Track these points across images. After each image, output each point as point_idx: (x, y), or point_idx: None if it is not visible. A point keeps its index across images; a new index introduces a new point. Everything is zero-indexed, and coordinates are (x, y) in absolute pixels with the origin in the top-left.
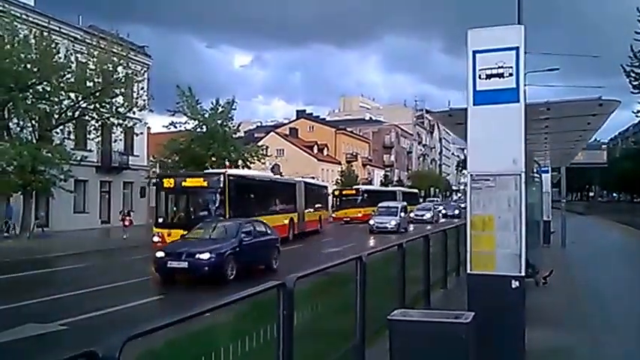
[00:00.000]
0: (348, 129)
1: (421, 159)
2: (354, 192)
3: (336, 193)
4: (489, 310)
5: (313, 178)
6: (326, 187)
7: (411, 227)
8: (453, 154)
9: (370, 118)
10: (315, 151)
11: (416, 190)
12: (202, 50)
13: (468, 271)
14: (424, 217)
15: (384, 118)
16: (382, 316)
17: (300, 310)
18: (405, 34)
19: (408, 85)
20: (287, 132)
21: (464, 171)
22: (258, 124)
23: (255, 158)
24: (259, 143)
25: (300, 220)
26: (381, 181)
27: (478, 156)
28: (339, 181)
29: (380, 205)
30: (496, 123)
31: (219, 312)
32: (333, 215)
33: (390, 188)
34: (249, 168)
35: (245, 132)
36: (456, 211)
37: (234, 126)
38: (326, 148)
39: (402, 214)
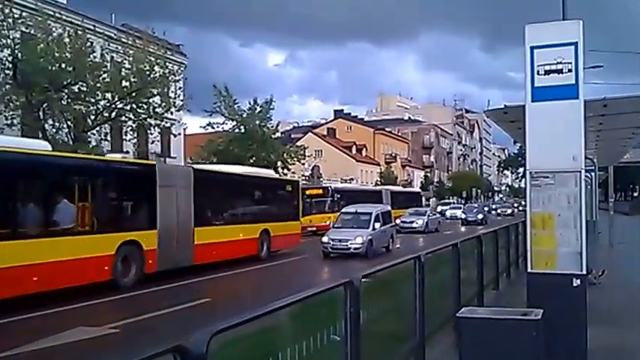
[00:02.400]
0: (387, 129)
1: (461, 159)
2: (321, 192)
3: None
4: (550, 309)
5: (352, 179)
6: (291, 183)
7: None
8: (493, 154)
9: (409, 117)
10: (354, 151)
11: (417, 190)
12: (236, 49)
13: (528, 270)
14: (413, 225)
15: (422, 118)
16: (438, 316)
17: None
18: (443, 32)
19: (447, 83)
20: (325, 132)
21: (505, 171)
22: (295, 124)
23: (295, 159)
24: (297, 144)
25: (167, 245)
26: (421, 182)
27: (537, 153)
28: (379, 183)
29: (343, 210)
30: (556, 120)
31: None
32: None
33: (372, 187)
34: (288, 170)
35: (281, 132)
36: (480, 216)
37: (272, 126)
38: (364, 149)
39: (378, 225)
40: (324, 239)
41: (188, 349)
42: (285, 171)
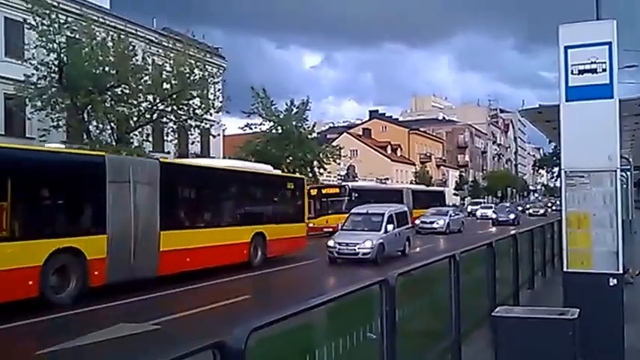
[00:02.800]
0: (421, 129)
1: (496, 159)
2: (337, 190)
3: (313, 192)
4: (587, 308)
5: (387, 179)
6: (294, 180)
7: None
8: (529, 153)
9: (443, 117)
10: (389, 151)
11: (440, 189)
12: (272, 51)
13: (564, 269)
14: (434, 226)
15: (457, 118)
16: (473, 315)
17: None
18: (476, 33)
19: (480, 83)
20: (360, 132)
21: (540, 171)
22: (330, 124)
23: (331, 159)
24: (333, 144)
25: (120, 252)
26: (456, 181)
27: (572, 152)
28: (414, 182)
29: (353, 211)
30: (590, 119)
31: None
32: (311, 224)
33: (393, 186)
34: (324, 169)
35: (317, 133)
36: (511, 216)
37: (308, 127)
38: (399, 149)
39: (391, 227)
40: (330, 243)
41: (227, 345)
42: (322, 170)
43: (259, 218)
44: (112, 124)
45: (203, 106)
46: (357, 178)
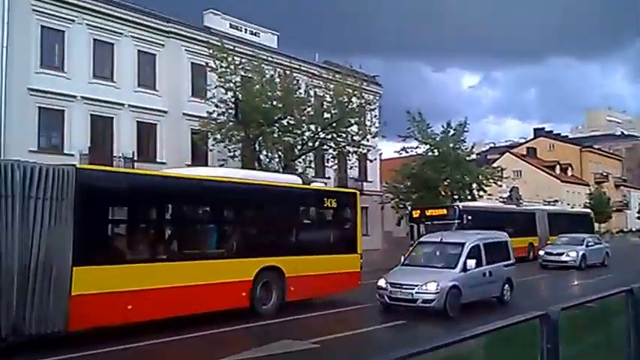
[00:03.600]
0: (595, 146)
1: None
2: (444, 212)
3: (416, 214)
4: None
5: (557, 201)
6: (338, 196)
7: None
8: None
9: (621, 132)
10: (558, 171)
11: (587, 211)
12: (429, 75)
13: None
14: (563, 259)
15: (637, 132)
16: None
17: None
18: None
19: None
20: (524, 152)
21: None
22: (491, 144)
23: (491, 181)
24: (494, 165)
25: None
26: None
27: None
28: (588, 205)
29: (422, 239)
30: None
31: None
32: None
33: (520, 208)
34: (484, 191)
35: (477, 154)
36: None
37: (466, 148)
38: (570, 168)
39: (473, 263)
40: (381, 283)
41: None
42: (481, 193)
43: (272, 247)
44: (280, 153)
45: (360, 132)
46: (521, 201)
